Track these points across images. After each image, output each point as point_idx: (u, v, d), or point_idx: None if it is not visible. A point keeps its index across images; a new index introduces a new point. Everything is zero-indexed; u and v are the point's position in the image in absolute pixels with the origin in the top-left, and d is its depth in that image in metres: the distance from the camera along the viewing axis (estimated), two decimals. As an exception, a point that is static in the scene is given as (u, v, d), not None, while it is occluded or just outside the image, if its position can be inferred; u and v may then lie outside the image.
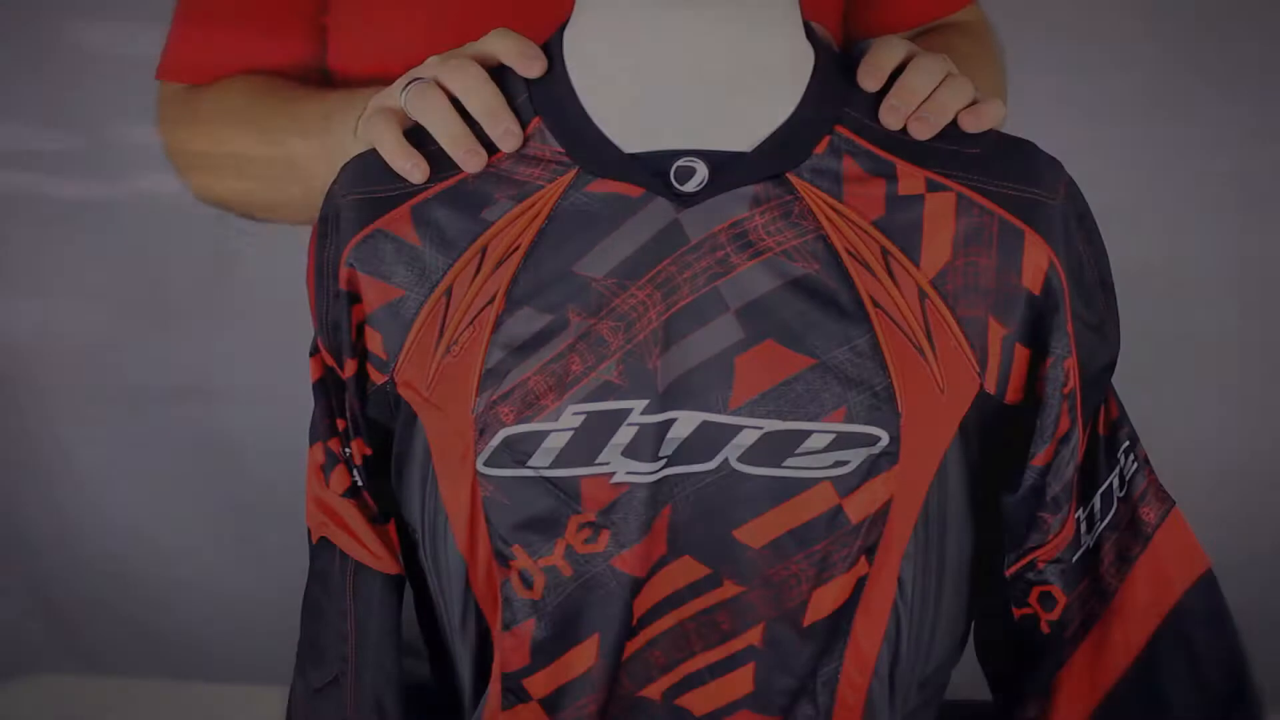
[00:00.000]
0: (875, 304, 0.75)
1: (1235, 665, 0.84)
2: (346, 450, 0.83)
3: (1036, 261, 0.76)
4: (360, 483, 0.84)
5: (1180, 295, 1.63)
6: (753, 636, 0.80)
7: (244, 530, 1.64)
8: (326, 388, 0.83)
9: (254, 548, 1.61)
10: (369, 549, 0.83)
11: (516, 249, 0.77)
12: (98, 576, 1.64)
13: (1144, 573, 0.83)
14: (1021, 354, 0.78)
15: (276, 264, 1.13)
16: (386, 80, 0.87)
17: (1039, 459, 0.79)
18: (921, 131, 0.77)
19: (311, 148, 0.92)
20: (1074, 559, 0.83)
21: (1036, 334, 0.78)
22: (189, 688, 1.27)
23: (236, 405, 1.67)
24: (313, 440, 0.85)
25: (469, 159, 0.77)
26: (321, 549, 0.86)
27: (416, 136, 0.79)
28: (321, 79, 1.02)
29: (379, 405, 0.82)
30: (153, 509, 1.65)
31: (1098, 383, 0.82)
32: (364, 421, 0.83)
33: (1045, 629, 0.83)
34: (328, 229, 0.80)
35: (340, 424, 0.83)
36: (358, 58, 0.99)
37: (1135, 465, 0.84)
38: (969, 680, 0.92)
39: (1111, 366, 0.83)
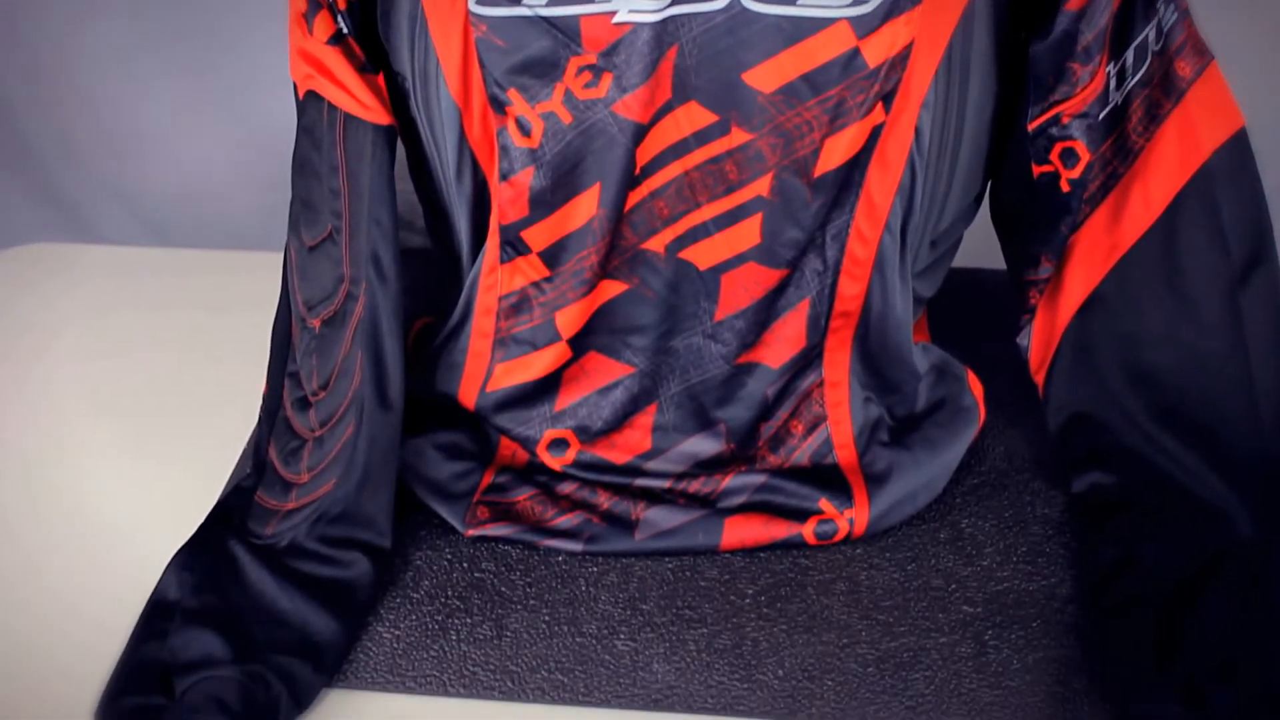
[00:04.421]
0: None
1: (1258, 229, 0.81)
2: (329, -7, 0.78)
3: None
4: (345, 29, 0.78)
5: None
6: (760, 187, 0.77)
7: (234, 97, 1.59)
8: (303, -76, 0.77)
9: (244, 114, 1.58)
10: (357, 99, 0.79)
11: None
12: (88, 151, 1.62)
13: (1173, 130, 0.79)
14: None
15: None
16: None
17: (1073, 2, 0.74)
18: None
19: None
20: (1100, 115, 0.79)
21: None
22: (181, 254, 1.27)
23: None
24: (292, -15, 0.79)
25: None
26: (309, 103, 0.81)
27: None
28: None
29: (361, -60, 0.76)
30: (145, 85, 1.60)
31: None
32: (346, -39, 0.77)
33: (1065, 187, 0.80)
34: None
35: (320, -36, 0.77)
36: None
37: (1175, 16, 0.78)
38: (981, 248, 0.90)
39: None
